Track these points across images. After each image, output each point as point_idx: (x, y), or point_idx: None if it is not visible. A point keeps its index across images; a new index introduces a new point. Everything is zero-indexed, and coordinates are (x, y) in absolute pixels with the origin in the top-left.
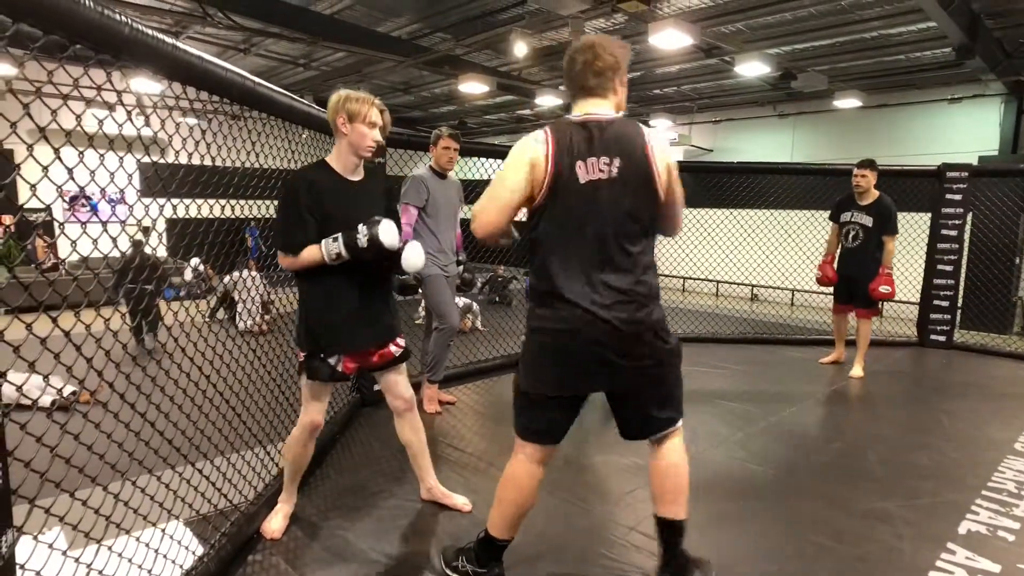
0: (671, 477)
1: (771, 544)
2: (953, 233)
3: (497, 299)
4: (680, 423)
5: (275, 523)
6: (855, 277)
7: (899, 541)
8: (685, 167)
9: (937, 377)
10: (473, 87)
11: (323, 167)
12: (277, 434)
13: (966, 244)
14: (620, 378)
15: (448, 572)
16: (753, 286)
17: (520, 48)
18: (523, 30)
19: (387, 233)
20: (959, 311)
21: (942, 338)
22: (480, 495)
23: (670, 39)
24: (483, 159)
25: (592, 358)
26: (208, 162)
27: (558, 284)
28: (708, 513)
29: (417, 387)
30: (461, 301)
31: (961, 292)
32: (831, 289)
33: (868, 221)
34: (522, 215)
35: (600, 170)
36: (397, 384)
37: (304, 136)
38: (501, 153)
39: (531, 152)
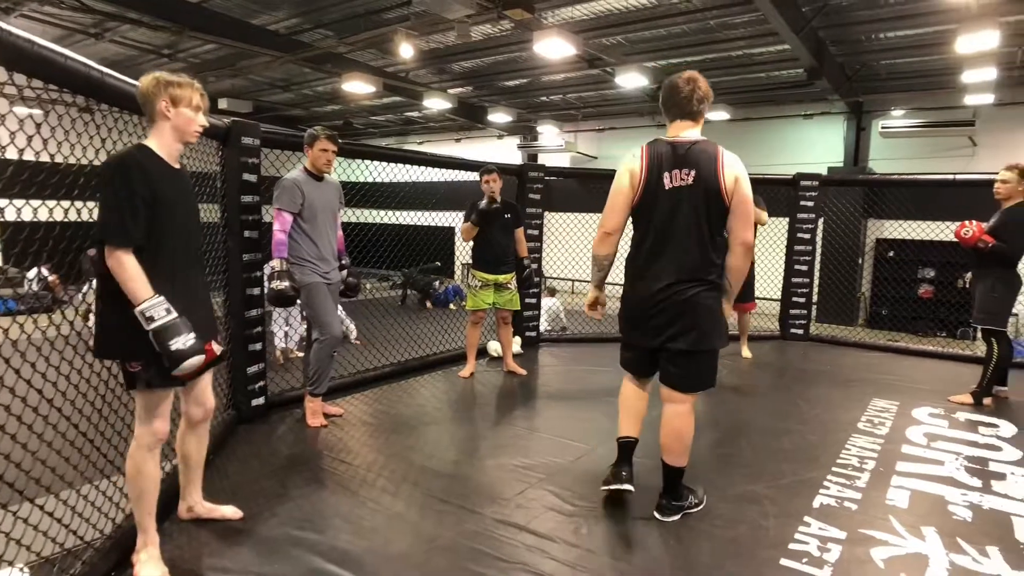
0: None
1: (655, 531)
2: (807, 236)
3: (403, 300)
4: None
5: (152, 570)
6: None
7: (765, 519)
8: (571, 174)
9: (797, 367)
10: (358, 87)
11: (146, 151)
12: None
13: (819, 246)
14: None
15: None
16: None
17: (406, 49)
18: (408, 31)
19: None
20: (814, 306)
21: (800, 331)
22: (367, 508)
23: (554, 48)
24: (369, 161)
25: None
26: (46, 159)
27: (644, 262)
28: (595, 507)
29: (300, 400)
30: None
31: (815, 289)
32: None
33: None
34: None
35: (682, 179)
36: (204, 390)
37: None
38: (389, 156)
39: (630, 165)
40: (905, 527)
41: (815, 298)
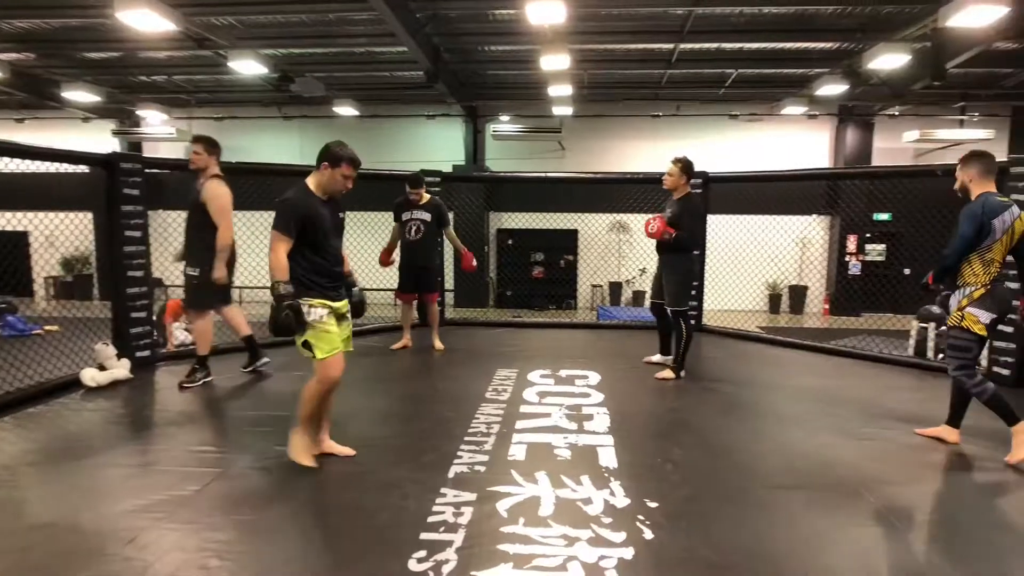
0: None
1: (293, 543)
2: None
3: None
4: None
5: None
6: (422, 266)
7: (405, 500)
8: (177, 166)
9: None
10: None
11: None
12: None
13: None
14: None
15: None
16: None
17: None
18: None
19: None
20: (451, 293)
21: (445, 316)
22: None
23: (144, 20)
24: None
25: None
26: None
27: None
28: (227, 534)
29: None
30: None
31: (451, 277)
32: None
33: (427, 217)
34: None
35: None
36: None
37: None
38: None
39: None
40: (523, 476)
41: (451, 285)
